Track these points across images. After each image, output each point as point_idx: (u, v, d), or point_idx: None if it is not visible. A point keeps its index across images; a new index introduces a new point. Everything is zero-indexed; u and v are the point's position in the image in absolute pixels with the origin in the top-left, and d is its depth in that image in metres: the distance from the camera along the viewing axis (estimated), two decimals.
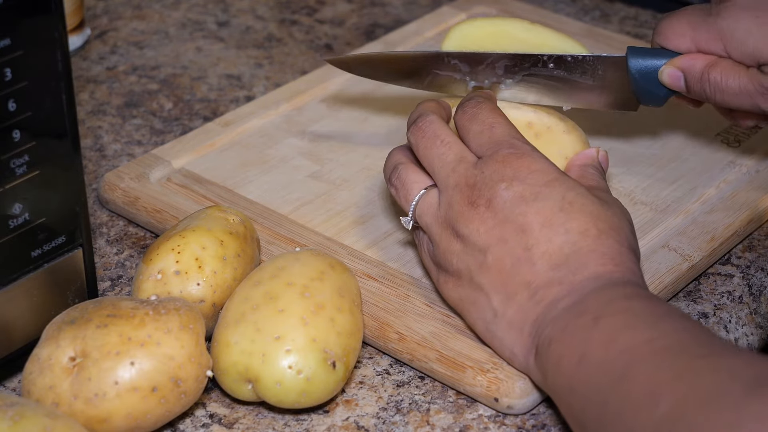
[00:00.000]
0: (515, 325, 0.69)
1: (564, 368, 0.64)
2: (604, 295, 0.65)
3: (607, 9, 1.14)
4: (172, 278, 0.72)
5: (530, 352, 0.68)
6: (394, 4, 1.15)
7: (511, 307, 0.69)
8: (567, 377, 0.63)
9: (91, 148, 0.94)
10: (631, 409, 0.58)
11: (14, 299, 0.69)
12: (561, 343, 0.65)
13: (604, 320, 0.63)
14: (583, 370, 0.62)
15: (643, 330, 0.61)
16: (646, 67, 0.82)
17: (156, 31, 1.11)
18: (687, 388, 0.56)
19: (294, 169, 0.89)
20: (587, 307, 0.65)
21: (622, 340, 0.61)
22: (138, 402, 0.65)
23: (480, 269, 0.70)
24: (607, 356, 0.61)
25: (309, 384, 0.68)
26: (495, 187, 0.70)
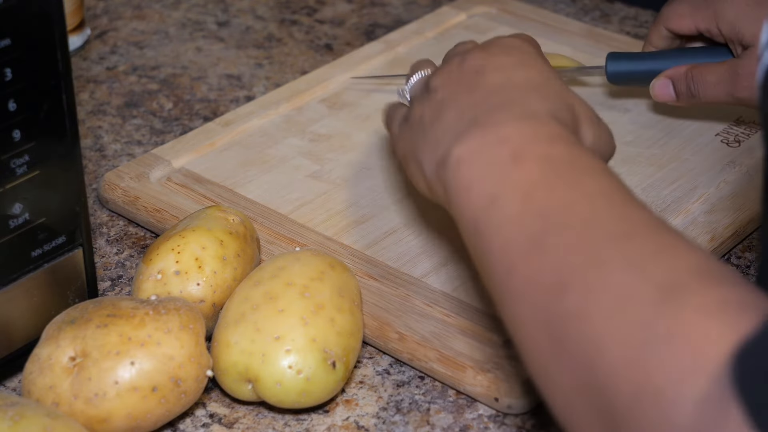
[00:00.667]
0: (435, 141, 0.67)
1: (473, 202, 0.61)
2: (525, 127, 0.62)
3: (607, 9, 1.14)
4: (172, 278, 0.72)
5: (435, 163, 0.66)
6: (394, 4, 1.15)
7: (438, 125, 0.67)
8: (473, 212, 0.60)
9: (91, 148, 0.94)
10: (538, 291, 0.55)
11: (14, 299, 0.69)
12: (471, 169, 0.62)
13: (523, 164, 0.60)
14: (494, 215, 0.59)
15: (562, 191, 0.58)
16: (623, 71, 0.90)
17: (156, 31, 1.11)
18: (596, 282, 0.53)
19: (294, 169, 0.89)
20: (506, 136, 0.62)
21: (538, 197, 0.58)
22: (138, 402, 0.65)
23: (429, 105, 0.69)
24: (522, 212, 0.58)
25: (309, 384, 0.68)
26: (474, 48, 0.72)
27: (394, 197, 0.86)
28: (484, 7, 1.09)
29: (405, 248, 0.81)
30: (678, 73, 0.88)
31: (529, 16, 1.08)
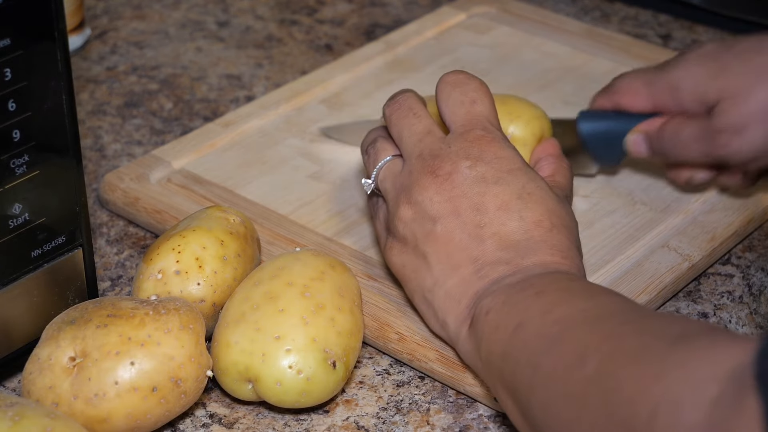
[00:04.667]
0: (453, 296, 0.69)
1: (500, 335, 0.64)
2: (547, 277, 0.67)
3: (607, 9, 1.14)
4: (172, 278, 0.72)
5: (464, 323, 0.68)
6: (394, 4, 1.15)
7: (453, 278, 0.69)
8: (502, 344, 0.64)
9: (91, 148, 0.94)
10: (562, 371, 0.59)
11: (14, 299, 0.69)
12: (499, 313, 0.65)
13: (545, 295, 0.64)
14: (519, 336, 0.63)
15: (579, 302, 0.63)
16: (595, 129, 0.84)
17: (156, 31, 1.11)
18: (613, 348, 0.57)
19: (294, 169, 0.89)
20: (531, 284, 0.66)
21: (558, 311, 0.62)
22: (138, 402, 0.65)
23: (427, 238, 0.70)
24: (543, 324, 0.62)
25: (309, 384, 0.68)
26: (458, 162, 0.71)
27: None
28: (484, 7, 1.09)
29: None
30: (652, 128, 0.82)
31: (529, 16, 1.08)
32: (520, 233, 0.69)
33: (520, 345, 0.63)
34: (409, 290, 0.73)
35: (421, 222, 0.71)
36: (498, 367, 0.64)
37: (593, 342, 0.59)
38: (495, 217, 0.69)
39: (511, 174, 0.70)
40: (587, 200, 0.86)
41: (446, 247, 0.70)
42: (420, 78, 0.99)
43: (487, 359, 0.66)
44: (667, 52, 1.03)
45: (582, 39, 1.04)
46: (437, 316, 0.70)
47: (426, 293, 0.71)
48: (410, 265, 0.72)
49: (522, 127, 0.82)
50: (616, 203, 0.85)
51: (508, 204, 0.69)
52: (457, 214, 0.70)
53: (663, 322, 0.59)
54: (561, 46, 1.03)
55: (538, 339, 0.62)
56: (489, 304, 0.66)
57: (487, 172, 0.70)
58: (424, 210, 0.71)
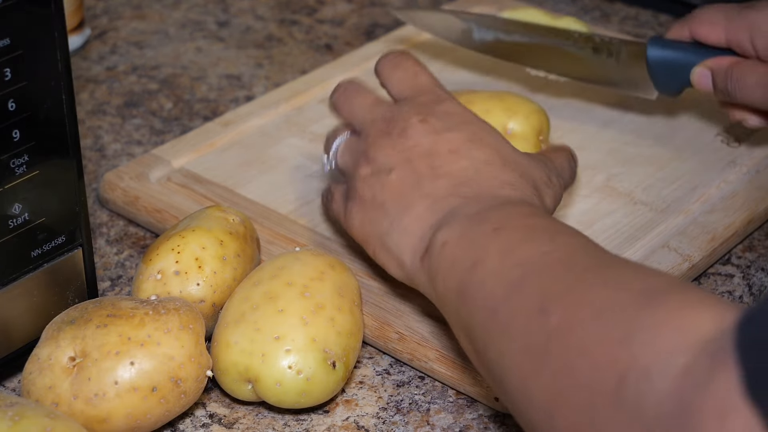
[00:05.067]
0: (408, 231, 0.69)
1: (456, 271, 0.64)
2: (504, 210, 0.66)
3: (607, 9, 1.14)
4: (171, 278, 0.72)
5: (417, 254, 0.68)
6: (394, 5, 1.15)
7: (408, 215, 0.70)
8: (458, 280, 0.64)
9: (91, 148, 0.94)
10: (522, 318, 0.58)
11: (14, 299, 0.69)
12: (456, 247, 0.65)
13: (503, 232, 0.64)
14: (477, 275, 0.62)
15: (540, 243, 0.62)
16: (663, 56, 0.86)
17: (156, 31, 1.11)
18: (577, 300, 0.56)
19: (294, 169, 0.89)
20: (488, 218, 0.66)
21: (518, 252, 0.62)
22: (138, 402, 0.65)
23: (383, 188, 0.71)
24: (503, 265, 0.61)
25: (309, 384, 0.68)
26: (410, 119, 0.73)
27: None
28: (484, 7, 1.09)
29: None
30: (720, 66, 0.84)
31: None
32: (471, 170, 0.70)
33: (477, 284, 0.62)
34: (370, 244, 0.72)
35: (377, 176, 0.72)
36: (453, 304, 0.64)
37: (556, 290, 0.57)
38: (446, 158, 0.71)
39: (463, 123, 0.73)
40: (587, 200, 0.86)
41: (401, 190, 0.71)
42: None
43: (443, 294, 0.65)
44: None
45: None
46: (394, 257, 0.70)
47: (383, 237, 0.71)
48: (368, 218, 0.72)
49: (521, 122, 0.83)
50: (616, 203, 0.85)
51: (459, 147, 0.71)
52: (410, 161, 0.71)
53: (629, 272, 0.57)
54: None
55: (496, 281, 0.61)
56: (445, 235, 0.66)
57: (438, 123, 0.72)
58: (380, 164, 0.72)
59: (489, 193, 0.69)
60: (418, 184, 0.70)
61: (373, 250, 0.72)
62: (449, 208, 0.68)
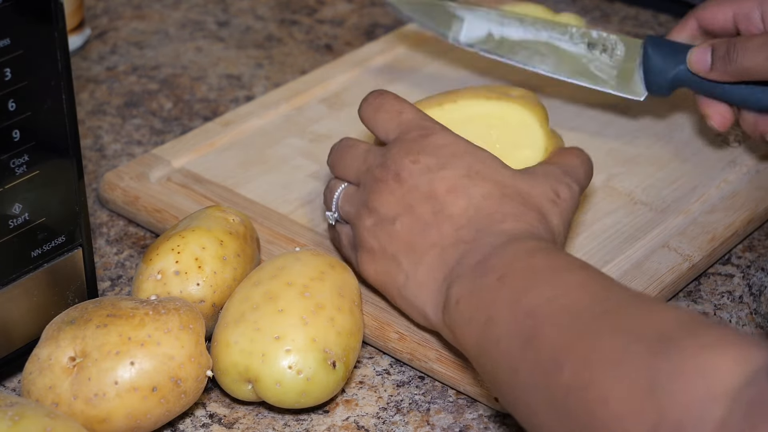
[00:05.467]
0: (425, 285, 0.70)
1: (473, 329, 0.64)
2: (507, 253, 0.66)
3: (607, 9, 1.14)
4: (172, 278, 0.72)
5: (438, 308, 0.69)
6: None
7: (420, 268, 0.70)
8: (476, 338, 0.64)
9: (91, 148, 0.94)
10: (539, 375, 0.58)
11: (14, 299, 0.69)
12: (468, 304, 0.65)
13: (508, 280, 0.64)
14: (492, 333, 0.63)
15: (543, 288, 0.62)
16: (662, 54, 0.86)
17: (156, 31, 1.11)
18: (587, 352, 0.56)
19: (294, 169, 0.89)
20: (492, 266, 0.66)
21: (525, 301, 0.62)
22: (138, 402, 0.65)
23: (391, 239, 0.71)
24: (513, 319, 0.62)
25: (309, 384, 0.68)
26: (402, 161, 0.72)
27: None
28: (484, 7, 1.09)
29: None
30: (720, 41, 0.83)
31: None
32: (471, 210, 0.70)
33: (493, 342, 0.63)
34: (389, 295, 0.73)
35: (382, 226, 0.72)
36: (476, 360, 0.65)
37: (566, 342, 0.58)
38: (446, 200, 0.70)
39: (456, 157, 0.72)
40: (587, 200, 0.86)
41: (409, 241, 0.71)
42: (419, 78, 0.99)
43: (466, 349, 0.66)
44: None
45: None
46: (417, 309, 0.71)
47: (401, 290, 0.71)
48: (382, 269, 0.72)
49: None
50: (616, 203, 0.85)
51: (456, 185, 0.70)
52: (411, 208, 0.71)
53: (636, 315, 0.57)
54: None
55: (510, 338, 0.61)
56: (457, 293, 0.67)
57: (431, 161, 0.71)
58: (382, 214, 0.72)
59: (490, 230, 0.68)
60: (424, 231, 0.70)
61: (393, 299, 0.73)
62: (456, 258, 0.68)
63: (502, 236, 0.68)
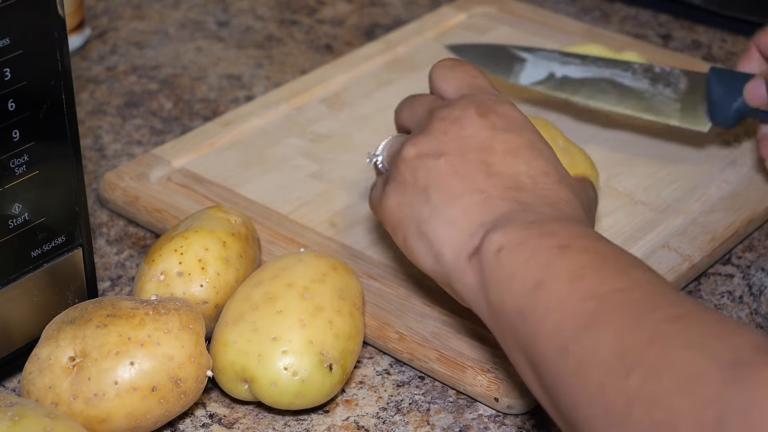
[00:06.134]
0: (453, 223, 0.65)
1: (516, 288, 0.59)
2: (569, 227, 0.62)
3: (607, 9, 1.14)
4: (174, 279, 0.72)
5: (465, 250, 0.63)
6: (394, 4, 1.15)
7: (454, 205, 0.65)
8: (517, 299, 0.59)
9: (91, 148, 0.94)
10: (596, 369, 0.54)
11: (14, 299, 0.69)
12: (516, 257, 0.60)
13: (570, 252, 0.59)
14: (541, 299, 0.58)
15: (613, 276, 0.57)
16: (725, 86, 0.85)
17: (156, 31, 1.11)
18: (659, 359, 0.52)
19: (294, 168, 0.89)
20: (552, 231, 0.61)
21: (589, 282, 0.57)
22: (138, 402, 0.65)
23: (429, 172, 0.67)
24: (572, 295, 0.57)
25: (304, 386, 0.68)
26: (468, 109, 0.69)
27: None
28: (484, 7, 1.09)
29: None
30: None
31: (529, 16, 1.08)
32: (526, 177, 0.66)
33: (542, 311, 0.57)
34: (402, 229, 0.68)
35: (424, 159, 0.68)
36: (512, 323, 0.59)
37: (636, 343, 0.53)
38: (502, 158, 0.66)
39: (522, 128, 0.68)
40: None
41: (449, 178, 0.66)
42: (420, 78, 0.99)
43: (498, 308, 0.61)
44: (668, 52, 1.03)
45: (582, 39, 1.04)
46: (432, 247, 0.66)
47: (421, 224, 0.66)
48: (406, 200, 0.68)
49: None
50: (616, 203, 0.85)
51: (517, 150, 0.67)
52: (463, 151, 0.67)
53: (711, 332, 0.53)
54: (561, 46, 1.03)
55: (565, 313, 0.56)
56: (500, 239, 0.61)
57: (498, 121, 0.68)
58: (429, 148, 0.68)
59: (548, 203, 0.64)
60: (469, 176, 0.66)
61: (404, 235, 0.68)
62: (504, 209, 0.64)
63: (560, 212, 0.63)
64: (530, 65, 0.91)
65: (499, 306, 0.60)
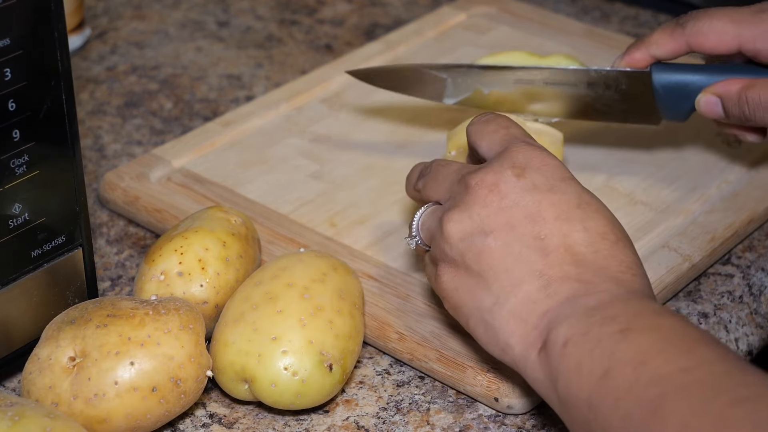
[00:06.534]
0: (518, 315, 0.63)
1: (584, 378, 0.58)
2: (630, 306, 0.60)
3: (607, 9, 1.14)
4: (175, 279, 0.72)
5: (533, 346, 0.62)
6: (394, 4, 1.15)
7: (516, 295, 0.63)
8: (586, 390, 0.58)
9: (91, 148, 0.94)
10: None
11: (14, 299, 0.69)
12: (581, 349, 0.59)
13: (633, 335, 0.58)
14: (608, 388, 0.57)
15: (677, 357, 0.56)
16: (670, 82, 0.82)
17: (156, 31, 1.11)
18: None
19: (294, 169, 0.89)
20: (613, 316, 0.59)
21: (653, 365, 0.56)
22: (138, 402, 0.65)
23: (480, 254, 0.64)
24: (637, 381, 0.56)
25: (304, 386, 0.68)
26: (503, 172, 0.65)
27: (394, 197, 0.86)
28: (484, 7, 1.09)
29: (405, 248, 0.81)
30: (729, 92, 0.79)
31: (529, 16, 1.08)
32: (584, 245, 0.63)
33: (610, 401, 0.57)
34: (464, 314, 0.66)
35: (471, 239, 0.65)
36: (583, 414, 0.59)
37: (701, 427, 0.52)
38: (555, 227, 0.63)
39: (564, 182, 0.65)
40: None
41: (504, 261, 0.63)
42: None
43: (567, 400, 0.60)
44: None
45: (582, 39, 1.04)
46: (498, 339, 0.64)
47: (485, 314, 0.64)
48: (464, 287, 0.65)
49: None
50: (616, 203, 0.85)
51: (568, 213, 0.64)
52: (511, 226, 0.64)
53: None
54: (561, 46, 1.03)
55: (632, 401, 0.56)
56: (566, 333, 0.60)
57: (538, 179, 0.65)
58: (471, 225, 0.65)
59: (608, 276, 0.62)
60: (524, 256, 0.63)
61: (467, 321, 0.66)
62: (565, 295, 0.62)
63: (621, 287, 0.62)
64: (450, 84, 0.85)
65: (568, 398, 0.60)
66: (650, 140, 0.92)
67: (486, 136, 0.69)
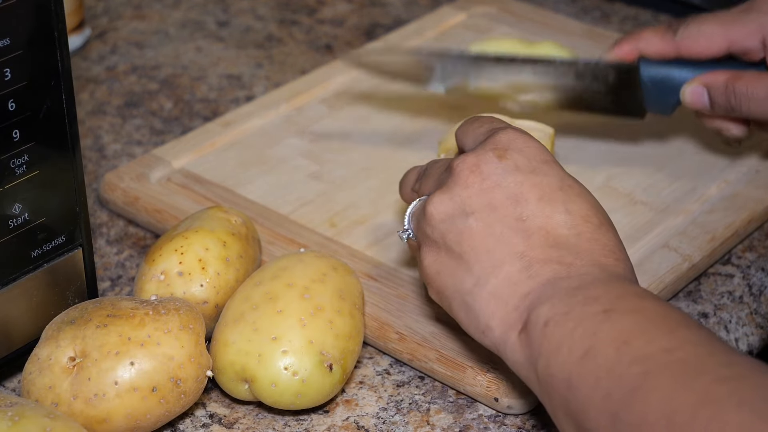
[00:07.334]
0: (499, 296, 0.62)
1: (564, 358, 0.58)
2: (612, 288, 0.60)
3: (607, 9, 1.14)
4: (175, 279, 0.72)
5: (513, 327, 0.62)
6: (394, 4, 1.15)
7: (497, 276, 0.63)
8: (567, 370, 0.58)
9: (91, 148, 0.94)
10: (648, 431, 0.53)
11: (14, 299, 0.69)
12: (562, 328, 0.59)
13: (615, 315, 0.58)
14: (589, 367, 0.57)
15: (660, 337, 0.56)
16: (657, 75, 0.83)
17: (156, 31, 1.11)
18: (710, 421, 0.51)
19: (294, 169, 0.89)
20: (595, 297, 0.59)
21: (636, 345, 0.56)
22: (138, 402, 0.65)
23: (461, 235, 0.64)
24: (620, 360, 0.56)
25: (304, 386, 0.68)
26: (485, 153, 0.65)
27: (394, 197, 0.86)
28: (484, 7, 1.09)
29: (405, 248, 0.81)
30: (716, 82, 0.79)
31: (529, 16, 1.08)
32: (567, 228, 0.63)
33: (591, 380, 0.56)
34: (447, 298, 0.66)
35: (452, 220, 0.64)
36: (562, 394, 0.58)
37: (684, 403, 0.52)
38: (537, 208, 0.63)
39: (547, 164, 0.65)
40: None
41: (485, 242, 0.63)
42: None
43: (547, 381, 0.59)
44: None
45: (582, 39, 1.04)
46: (479, 321, 0.63)
47: (465, 296, 0.64)
48: (446, 269, 0.65)
49: None
50: (616, 203, 0.85)
51: (550, 195, 0.63)
52: (493, 207, 0.64)
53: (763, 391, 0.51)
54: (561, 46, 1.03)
55: (613, 380, 0.55)
56: (547, 313, 0.60)
57: (520, 160, 0.64)
58: (453, 205, 0.64)
59: (591, 260, 0.62)
60: (505, 237, 0.63)
61: (450, 305, 0.66)
62: (546, 277, 0.62)
63: (604, 271, 0.61)
64: (440, 74, 0.85)
65: (548, 378, 0.59)
66: (650, 140, 0.92)
67: (471, 132, 0.70)
